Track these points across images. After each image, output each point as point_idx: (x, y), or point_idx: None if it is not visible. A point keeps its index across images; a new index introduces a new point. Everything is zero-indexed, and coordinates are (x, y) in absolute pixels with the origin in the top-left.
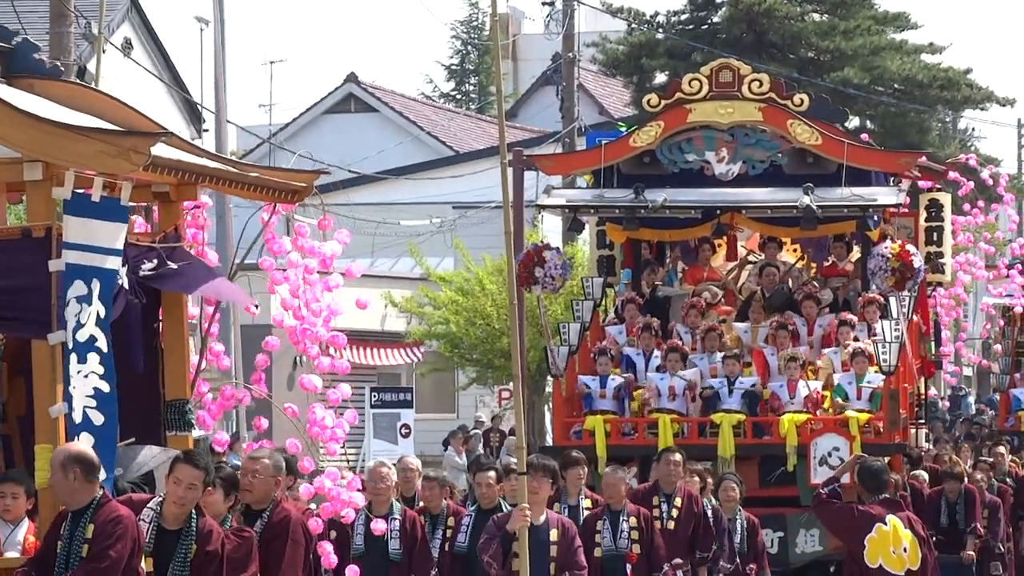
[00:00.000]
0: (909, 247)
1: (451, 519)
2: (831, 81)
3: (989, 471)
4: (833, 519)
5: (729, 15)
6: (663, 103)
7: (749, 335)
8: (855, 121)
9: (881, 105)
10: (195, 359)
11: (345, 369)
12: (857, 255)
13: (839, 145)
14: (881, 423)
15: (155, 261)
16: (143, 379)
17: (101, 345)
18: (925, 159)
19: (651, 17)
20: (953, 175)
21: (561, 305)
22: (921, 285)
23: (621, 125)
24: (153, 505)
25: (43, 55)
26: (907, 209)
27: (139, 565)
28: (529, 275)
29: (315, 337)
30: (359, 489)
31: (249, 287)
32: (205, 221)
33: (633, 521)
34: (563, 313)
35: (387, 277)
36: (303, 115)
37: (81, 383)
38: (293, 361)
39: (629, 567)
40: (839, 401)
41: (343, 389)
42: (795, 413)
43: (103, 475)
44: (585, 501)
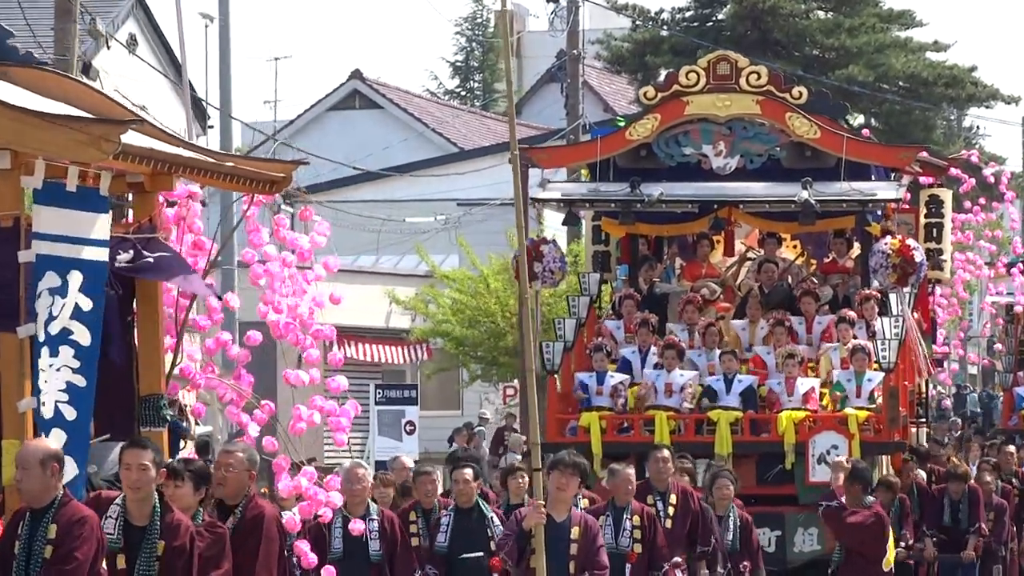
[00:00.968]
0: (910, 241)
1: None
2: (836, 79)
3: (993, 471)
4: (858, 531)
5: (734, 12)
6: (660, 95)
7: (747, 332)
8: (859, 119)
9: (886, 103)
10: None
11: (338, 362)
12: (857, 252)
13: (838, 139)
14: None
15: (131, 252)
16: (117, 373)
17: (78, 339)
18: (926, 154)
19: (656, 14)
20: (955, 171)
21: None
22: (922, 282)
23: (620, 120)
24: (119, 501)
25: (46, 51)
26: (907, 205)
27: (101, 567)
28: (528, 270)
29: (295, 331)
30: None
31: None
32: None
33: (636, 520)
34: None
35: (391, 274)
36: (308, 112)
37: (53, 377)
38: (297, 357)
39: (628, 566)
40: (838, 394)
41: (340, 380)
42: (793, 410)
43: (75, 472)
44: (583, 501)
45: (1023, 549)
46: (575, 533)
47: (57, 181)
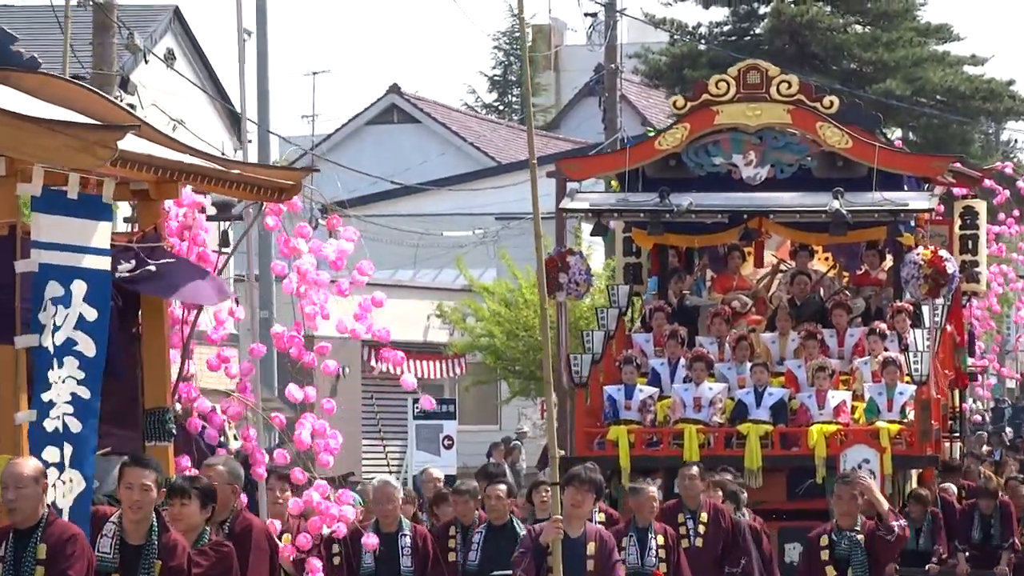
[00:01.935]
0: (942, 252)
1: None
2: (873, 92)
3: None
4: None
5: (771, 26)
6: (689, 105)
7: (777, 345)
8: (897, 132)
9: (923, 117)
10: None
11: (410, 386)
12: (890, 264)
13: (869, 148)
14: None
15: (133, 262)
16: (121, 386)
17: (83, 349)
18: (959, 164)
19: (694, 28)
20: (988, 183)
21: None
22: (955, 294)
23: (650, 131)
24: (114, 519)
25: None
26: (941, 217)
27: None
28: (553, 281)
29: (299, 343)
30: (350, 503)
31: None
32: (196, 221)
33: (661, 540)
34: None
35: (430, 288)
36: (345, 126)
37: (57, 389)
38: (340, 370)
39: None
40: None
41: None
42: (824, 424)
43: (83, 486)
44: (599, 515)
45: None
46: (591, 549)
47: (57, 188)
